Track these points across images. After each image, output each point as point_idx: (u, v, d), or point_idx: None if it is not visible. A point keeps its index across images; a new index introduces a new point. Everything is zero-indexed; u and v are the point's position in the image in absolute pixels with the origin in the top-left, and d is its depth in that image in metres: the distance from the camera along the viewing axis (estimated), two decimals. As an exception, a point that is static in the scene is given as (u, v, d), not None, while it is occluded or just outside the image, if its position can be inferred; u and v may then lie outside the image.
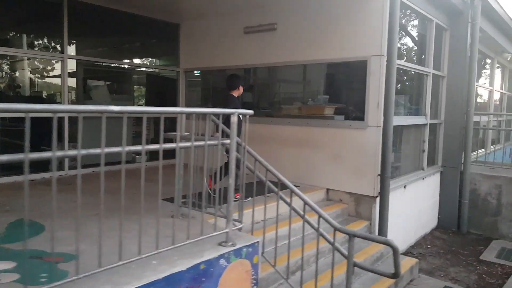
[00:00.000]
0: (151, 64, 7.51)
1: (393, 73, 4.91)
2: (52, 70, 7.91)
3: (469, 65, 6.95)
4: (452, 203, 7.21)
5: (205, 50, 6.87)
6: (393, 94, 4.95)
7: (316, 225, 3.43)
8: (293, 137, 5.88)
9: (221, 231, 3.05)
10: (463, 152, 7.06)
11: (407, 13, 6.15)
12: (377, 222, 5.17)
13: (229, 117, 4.62)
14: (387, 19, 4.87)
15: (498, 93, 12.31)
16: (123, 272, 2.40)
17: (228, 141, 3.05)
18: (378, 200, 5.15)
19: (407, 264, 4.71)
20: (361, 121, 5.20)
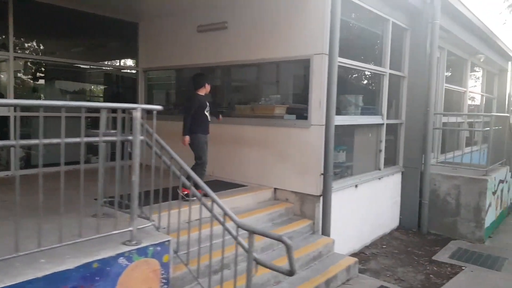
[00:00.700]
0: (109, 63, 7.47)
1: (335, 72, 4.89)
2: None
3: (429, 65, 6.92)
4: (413, 204, 7.19)
5: (163, 49, 6.87)
6: (335, 93, 4.93)
7: (232, 224, 3.37)
8: (245, 137, 5.86)
9: (123, 230, 3.03)
10: (423, 153, 7.04)
11: (361, 12, 6.12)
12: (321, 221, 5.14)
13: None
14: (329, 18, 4.85)
15: (478, 95, 12.31)
16: (3, 271, 2.38)
17: (131, 138, 3.03)
18: (322, 199, 5.12)
19: (344, 264, 4.68)
20: (305, 120, 5.18)
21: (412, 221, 7.22)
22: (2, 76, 5.80)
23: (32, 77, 6.57)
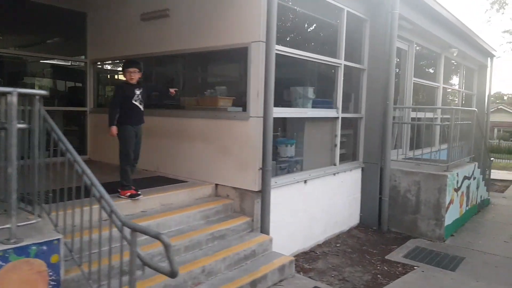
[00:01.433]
0: (57, 56, 7.17)
1: (272, 60, 4.63)
2: None
3: (388, 57, 6.66)
4: (373, 201, 6.95)
5: (111, 40, 6.59)
6: (273, 83, 4.67)
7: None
8: (189, 131, 5.59)
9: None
10: (382, 148, 6.79)
11: (314, 1, 5.87)
12: (260, 219, 4.89)
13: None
14: (265, 3, 4.58)
15: (456, 91, 12.07)
16: None
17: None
18: (261, 196, 4.86)
19: (278, 263, 4.43)
20: (244, 112, 4.92)
21: (372, 219, 6.98)
22: None
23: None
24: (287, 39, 5.57)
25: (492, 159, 10.13)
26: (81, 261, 3.14)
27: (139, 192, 4.50)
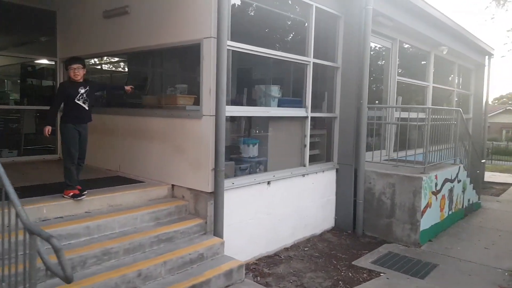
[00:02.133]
0: (27, 54, 7.11)
1: (224, 57, 4.46)
2: None
3: (362, 54, 6.43)
4: (348, 203, 6.72)
5: (78, 38, 6.50)
6: (225, 80, 4.49)
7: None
8: (148, 130, 5.45)
9: None
10: (356, 148, 6.56)
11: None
12: (213, 221, 4.71)
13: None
14: (216, -2, 4.42)
15: (451, 91, 11.73)
16: None
17: None
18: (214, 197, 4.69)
19: (225, 268, 4.24)
20: (197, 110, 4.76)
21: (347, 222, 6.75)
22: None
23: None
24: (254, 37, 5.38)
25: (484, 161, 9.76)
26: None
27: (85, 192, 4.36)
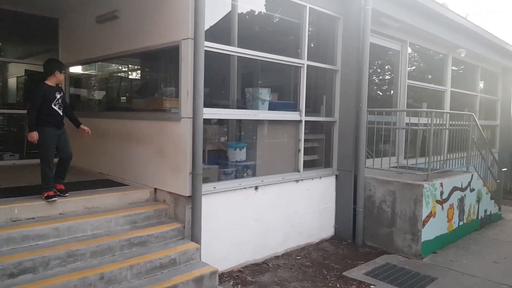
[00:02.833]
0: (32, 60, 7.36)
1: (201, 58, 4.37)
2: None
3: (361, 56, 6.19)
4: (347, 211, 6.45)
5: (77, 44, 6.64)
6: (202, 81, 4.39)
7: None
8: (133, 133, 5.46)
9: None
10: (355, 154, 6.29)
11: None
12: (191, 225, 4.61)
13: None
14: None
15: (474, 96, 11.15)
16: None
17: None
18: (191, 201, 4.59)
19: (196, 274, 4.10)
20: (176, 113, 4.69)
21: (347, 231, 6.47)
22: None
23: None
24: (245, 40, 5.29)
25: (505, 170, 9.15)
26: None
27: (66, 194, 4.38)
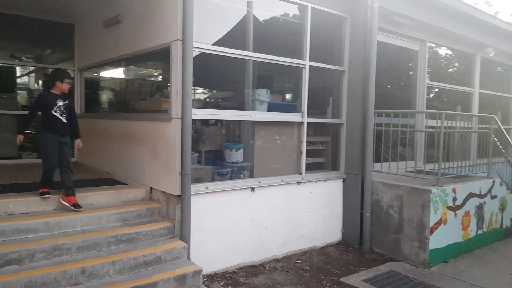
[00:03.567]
0: (49, 64, 7.77)
1: (189, 58, 4.42)
2: None
3: (368, 56, 6.00)
4: (354, 216, 6.26)
5: (91, 48, 6.93)
6: (190, 82, 4.45)
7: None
8: (132, 134, 5.63)
9: None
10: (362, 157, 6.09)
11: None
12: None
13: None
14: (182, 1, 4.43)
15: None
16: None
17: None
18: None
19: (178, 272, 4.12)
20: (166, 113, 4.77)
21: (354, 236, 6.27)
22: None
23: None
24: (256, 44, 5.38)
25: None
26: None
27: (70, 209, 4.47)
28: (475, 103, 9.03)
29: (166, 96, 5.41)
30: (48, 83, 4.64)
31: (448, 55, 8.89)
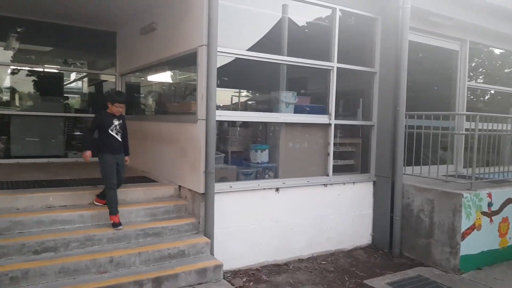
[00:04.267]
0: (93, 70, 8.36)
1: (213, 62, 4.63)
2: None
3: (399, 57, 5.91)
4: (384, 219, 6.18)
5: (131, 54, 7.35)
6: (215, 85, 4.65)
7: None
8: (163, 134, 5.95)
9: None
10: (392, 159, 6.00)
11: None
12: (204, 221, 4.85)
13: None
14: (207, 6, 4.64)
15: None
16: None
17: None
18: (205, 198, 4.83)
19: (200, 266, 4.32)
20: (194, 115, 5.00)
21: (383, 240, 6.18)
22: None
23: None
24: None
25: None
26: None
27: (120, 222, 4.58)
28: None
29: (193, 99, 5.67)
30: (105, 102, 4.75)
31: (491, 54, 8.48)
